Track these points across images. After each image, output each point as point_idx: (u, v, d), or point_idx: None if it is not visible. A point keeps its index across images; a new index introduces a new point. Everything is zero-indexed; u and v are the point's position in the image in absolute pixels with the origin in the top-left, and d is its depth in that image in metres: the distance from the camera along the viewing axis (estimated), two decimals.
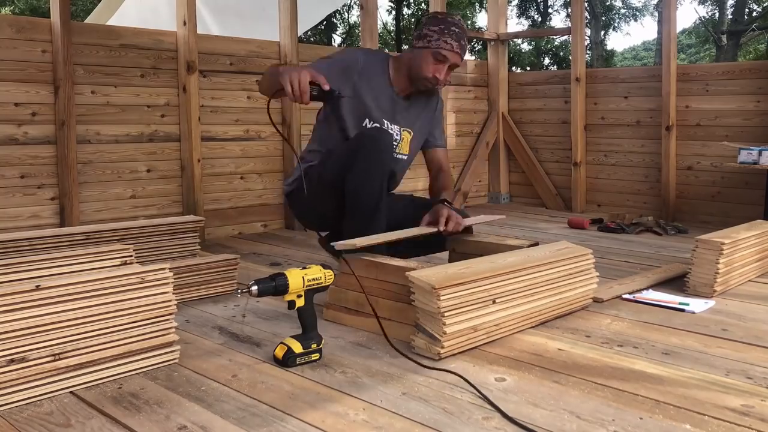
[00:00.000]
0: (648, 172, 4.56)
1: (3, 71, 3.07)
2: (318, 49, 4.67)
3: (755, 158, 3.67)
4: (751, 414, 1.44)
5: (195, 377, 1.67)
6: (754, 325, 2.10)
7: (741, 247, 2.54)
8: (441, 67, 2.45)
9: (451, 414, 1.45)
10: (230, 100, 3.84)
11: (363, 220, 2.33)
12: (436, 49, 2.42)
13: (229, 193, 3.87)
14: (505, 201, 5.32)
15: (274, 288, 1.73)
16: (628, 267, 2.98)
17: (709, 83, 4.27)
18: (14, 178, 3.12)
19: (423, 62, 2.45)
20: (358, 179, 2.31)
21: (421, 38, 2.46)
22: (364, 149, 2.33)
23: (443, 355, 1.77)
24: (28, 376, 1.51)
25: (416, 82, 2.51)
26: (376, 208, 2.32)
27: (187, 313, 2.22)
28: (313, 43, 15.98)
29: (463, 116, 5.09)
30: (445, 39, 2.42)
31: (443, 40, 2.42)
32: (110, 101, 3.41)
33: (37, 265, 1.87)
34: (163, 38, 3.59)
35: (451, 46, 2.43)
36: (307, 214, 2.66)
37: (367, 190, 2.31)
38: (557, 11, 21.93)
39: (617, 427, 1.39)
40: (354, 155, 2.33)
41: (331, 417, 1.44)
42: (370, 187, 2.31)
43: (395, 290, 1.97)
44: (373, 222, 2.32)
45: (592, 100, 4.80)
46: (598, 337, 1.97)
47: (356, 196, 2.33)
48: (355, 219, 2.35)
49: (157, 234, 2.58)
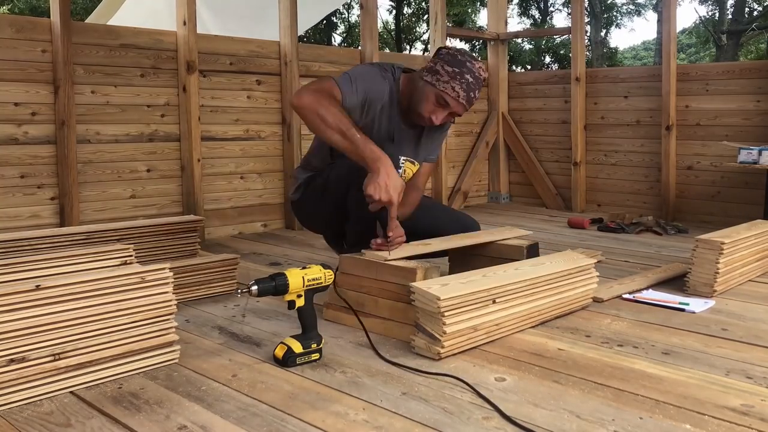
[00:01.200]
0: (648, 172, 4.56)
1: (3, 71, 3.07)
2: (318, 49, 4.66)
3: (755, 158, 3.67)
4: (751, 414, 1.44)
5: (195, 377, 1.67)
6: (754, 324, 2.10)
7: (741, 246, 2.54)
8: (440, 111, 2.27)
9: (451, 414, 1.45)
10: (230, 100, 3.84)
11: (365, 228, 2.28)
12: (442, 92, 2.23)
13: (229, 193, 3.87)
14: (505, 201, 5.32)
15: (274, 288, 1.73)
16: (628, 267, 2.98)
17: (709, 83, 4.27)
18: (14, 178, 3.12)
19: (424, 99, 2.26)
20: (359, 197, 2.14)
21: (432, 73, 2.25)
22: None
23: (443, 355, 1.77)
24: (28, 376, 1.51)
25: (411, 113, 2.33)
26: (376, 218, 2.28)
27: (187, 313, 2.22)
28: (313, 42, 15.98)
29: (463, 116, 5.07)
30: (454, 86, 2.22)
31: (452, 85, 2.22)
32: (110, 101, 3.41)
33: (37, 265, 1.87)
34: (163, 38, 3.59)
35: (458, 95, 2.23)
36: (312, 218, 2.65)
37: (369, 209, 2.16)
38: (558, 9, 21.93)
39: (617, 427, 1.39)
40: (357, 172, 2.18)
41: (331, 417, 1.44)
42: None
43: (395, 290, 1.97)
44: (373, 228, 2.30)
45: (592, 100, 4.80)
46: (598, 337, 1.97)
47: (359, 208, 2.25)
48: (358, 225, 2.34)
49: (157, 234, 2.58)
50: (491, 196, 5.37)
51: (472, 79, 2.24)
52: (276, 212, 4.08)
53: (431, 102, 2.26)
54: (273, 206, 4.07)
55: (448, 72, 2.23)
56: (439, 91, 2.23)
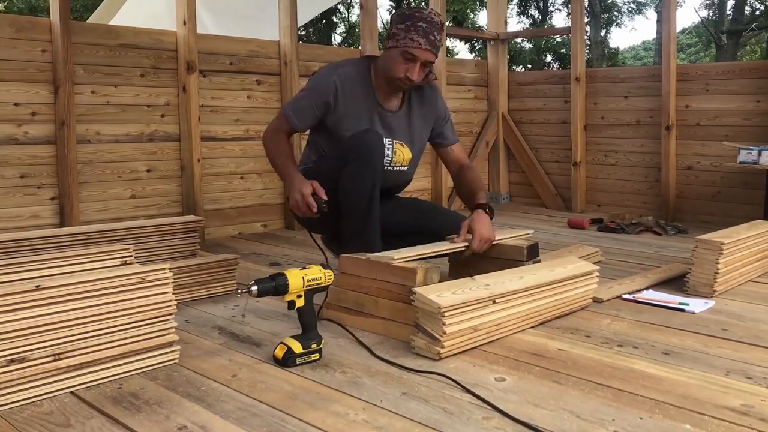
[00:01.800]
0: (648, 172, 4.56)
1: (3, 71, 3.07)
2: (318, 48, 4.67)
3: (755, 158, 3.67)
4: (751, 414, 1.44)
5: (195, 377, 1.67)
6: (754, 325, 2.10)
7: (741, 247, 2.54)
8: (412, 66, 2.35)
9: (451, 414, 1.45)
10: (230, 100, 3.84)
11: (358, 220, 2.35)
12: (404, 48, 2.33)
13: (229, 193, 3.86)
14: (505, 201, 5.32)
15: (274, 288, 1.73)
16: (628, 267, 2.98)
17: (709, 83, 4.27)
18: (14, 178, 3.12)
19: (393, 63, 2.36)
20: (349, 178, 2.32)
21: (390, 38, 2.37)
22: (355, 150, 2.34)
23: (443, 355, 1.77)
24: (28, 376, 1.51)
25: (390, 84, 2.42)
26: (369, 207, 2.33)
27: (187, 313, 2.22)
28: (313, 42, 15.97)
29: (463, 116, 5.09)
30: (412, 36, 2.31)
31: (410, 37, 2.31)
32: (110, 101, 3.41)
33: (37, 265, 1.87)
34: (163, 38, 3.59)
35: (419, 43, 2.32)
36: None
37: (359, 188, 2.32)
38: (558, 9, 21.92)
39: (617, 427, 1.39)
40: (345, 156, 2.35)
41: (331, 417, 1.44)
42: (362, 185, 2.32)
43: (395, 290, 1.97)
44: (368, 220, 2.33)
45: (592, 100, 4.80)
46: (598, 337, 1.97)
47: (348, 196, 2.34)
48: (351, 218, 2.37)
49: (157, 234, 2.58)
50: (491, 196, 5.37)
51: (426, 24, 2.34)
52: (276, 212, 4.08)
53: (399, 62, 2.36)
54: (273, 206, 4.06)
55: (402, 29, 2.34)
56: (402, 48, 2.34)
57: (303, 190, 2.23)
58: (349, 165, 2.32)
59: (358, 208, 2.34)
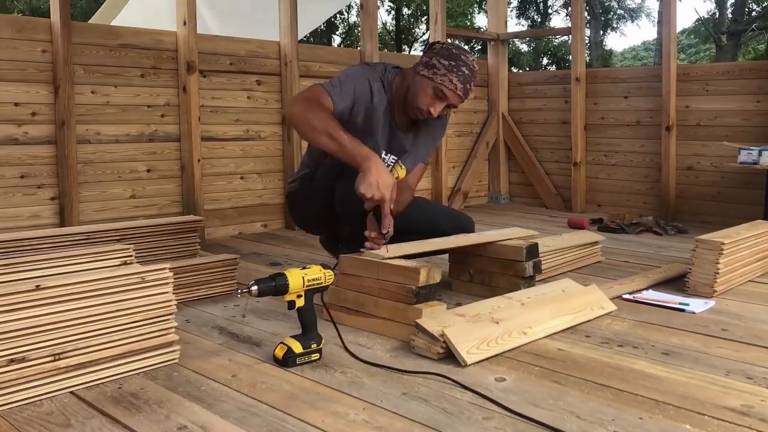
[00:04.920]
0: (648, 172, 4.56)
1: (3, 71, 3.07)
2: (318, 49, 4.67)
3: (755, 158, 3.67)
4: (751, 414, 1.44)
5: (195, 377, 1.67)
6: (754, 325, 2.10)
7: (741, 247, 2.54)
8: (438, 104, 2.31)
9: (451, 414, 1.45)
10: (230, 100, 3.84)
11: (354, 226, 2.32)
12: (440, 84, 2.27)
13: (229, 193, 3.87)
14: (505, 201, 5.32)
15: (274, 288, 1.73)
16: (628, 267, 2.97)
17: (709, 83, 4.27)
18: (14, 178, 3.12)
19: (422, 93, 2.30)
20: (346, 187, 2.23)
21: (428, 67, 2.29)
22: None
23: (443, 355, 1.77)
24: (28, 376, 1.51)
25: (409, 107, 2.37)
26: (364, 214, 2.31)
27: (187, 313, 2.22)
28: (313, 42, 15.98)
29: (463, 116, 5.09)
30: (452, 78, 2.26)
31: (449, 78, 2.26)
32: (110, 101, 3.41)
33: (37, 265, 1.86)
34: (163, 38, 3.59)
35: (455, 87, 2.28)
36: (306, 215, 2.67)
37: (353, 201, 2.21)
38: (557, 11, 21.93)
39: (617, 427, 1.39)
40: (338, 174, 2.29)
41: (331, 417, 1.44)
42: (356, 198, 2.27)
43: (395, 290, 1.97)
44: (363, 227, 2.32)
45: (592, 100, 4.80)
46: (598, 337, 1.97)
47: (344, 203, 2.32)
48: (348, 224, 2.36)
49: (157, 234, 2.58)
50: (491, 196, 5.37)
51: (468, 71, 2.30)
52: (276, 212, 4.08)
53: (429, 95, 2.30)
54: (273, 206, 4.06)
55: (445, 65, 2.27)
56: (437, 84, 2.28)
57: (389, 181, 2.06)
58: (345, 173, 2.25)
59: (355, 217, 2.30)
